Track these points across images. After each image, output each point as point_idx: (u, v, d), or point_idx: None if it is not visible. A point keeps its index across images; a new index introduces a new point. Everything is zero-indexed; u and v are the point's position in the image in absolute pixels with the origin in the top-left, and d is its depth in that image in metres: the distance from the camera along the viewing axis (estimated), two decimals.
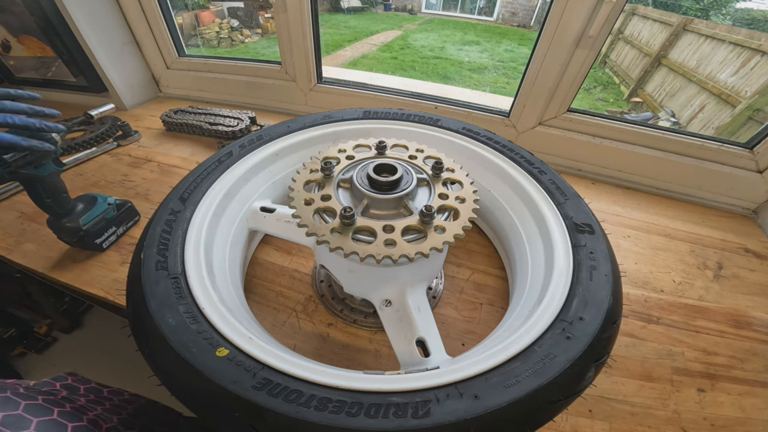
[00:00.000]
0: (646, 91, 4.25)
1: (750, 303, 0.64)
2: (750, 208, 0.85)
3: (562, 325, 0.37)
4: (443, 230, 0.40)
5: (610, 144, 0.86)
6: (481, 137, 0.64)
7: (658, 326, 0.59)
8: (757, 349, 0.57)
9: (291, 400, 0.30)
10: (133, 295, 0.39)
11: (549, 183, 0.55)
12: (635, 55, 4.78)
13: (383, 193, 0.42)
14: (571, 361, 0.33)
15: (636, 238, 0.75)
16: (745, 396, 0.51)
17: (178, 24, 1.13)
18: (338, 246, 0.38)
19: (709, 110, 3.10)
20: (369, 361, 0.52)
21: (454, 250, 0.68)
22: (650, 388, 0.51)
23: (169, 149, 0.94)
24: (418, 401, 0.30)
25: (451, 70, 5.60)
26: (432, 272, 0.51)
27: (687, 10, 4.98)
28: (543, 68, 0.79)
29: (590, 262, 0.43)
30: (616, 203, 0.85)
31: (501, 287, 0.62)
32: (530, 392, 0.31)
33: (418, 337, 0.43)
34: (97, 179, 0.82)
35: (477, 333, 0.55)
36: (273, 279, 0.62)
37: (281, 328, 0.55)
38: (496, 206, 0.62)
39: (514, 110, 0.89)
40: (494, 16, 10.91)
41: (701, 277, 0.68)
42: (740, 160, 0.80)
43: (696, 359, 0.55)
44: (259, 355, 0.33)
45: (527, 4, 10.48)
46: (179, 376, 0.32)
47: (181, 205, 0.49)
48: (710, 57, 3.31)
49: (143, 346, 0.35)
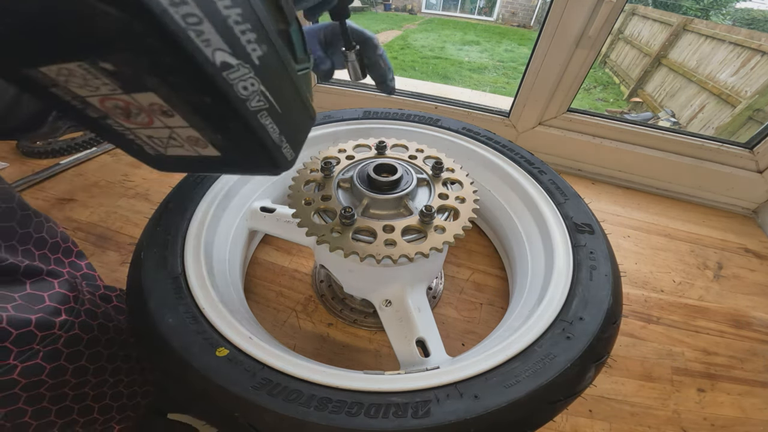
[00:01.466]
0: (646, 91, 4.26)
1: (750, 303, 0.64)
2: (750, 208, 0.85)
3: (562, 325, 0.37)
4: (443, 230, 0.40)
5: (610, 144, 0.86)
6: (481, 137, 0.64)
7: (658, 326, 0.59)
8: (757, 349, 0.57)
9: (291, 400, 0.30)
10: (133, 295, 0.39)
11: (549, 183, 0.55)
12: (635, 55, 4.78)
13: (383, 193, 0.42)
14: (571, 361, 0.33)
15: (636, 238, 0.75)
16: (745, 396, 0.51)
17: None
18: (338, 246, 0.38)
19: (709, 110, 3.10)
20: (369, 361, 0.52)
21: (454, 250, 0.68)
22: (650, 388, 0.51)
23: None
24: (418, 401, 0.30)
25: (451, 70, 5.60)
26: (432, 272, 0.51)
27: (687, 10, 4.99)
28: (543, 68, 0.79)
29: (590, 262, 0.43)
30: (616, 203, 0.85)
31: (501, 287, 0.62)
32: (530, 392, 0.31)
33: (418, 337, 0.43)
34: (98, 179, 0.82)
35: (477, 333, 0.55)
36: (273, 279, 0.62)
37: (281, 328, 0.55)
38: (496, 206, 0.62)
39: (514, 110, 0.89)
40: (494, 16, 10.92)
41: (701, 277, 0.68)
42: (740, 160, 0.80)
43: (696, 359, 0.55)
44: (259, 355, 0.34)
45: (527, 4, 10.48)
46: (179, 376, 0.32)
47: (182, 205, 0.49)
48: (710, 57, 3.31)
49: (143, 346, 0.35)
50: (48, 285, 0.37)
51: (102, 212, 0.72)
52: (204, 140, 0.21)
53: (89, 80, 0.17)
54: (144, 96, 0.18)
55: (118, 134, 0.22)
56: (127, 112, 0.19)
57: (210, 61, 0.16)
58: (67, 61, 0.16)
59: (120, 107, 0.19)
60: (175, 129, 0.20)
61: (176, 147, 0.22)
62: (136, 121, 0.20)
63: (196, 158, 0.22)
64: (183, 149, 0.22)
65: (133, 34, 0.14)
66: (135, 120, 0.20)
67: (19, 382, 0.32)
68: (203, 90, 0.17)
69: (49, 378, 0.34)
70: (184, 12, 0.14)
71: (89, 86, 0.18)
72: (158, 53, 0.15)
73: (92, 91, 0.18)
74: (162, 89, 0.17)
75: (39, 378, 0.33)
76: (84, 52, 0.16)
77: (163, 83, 0.17)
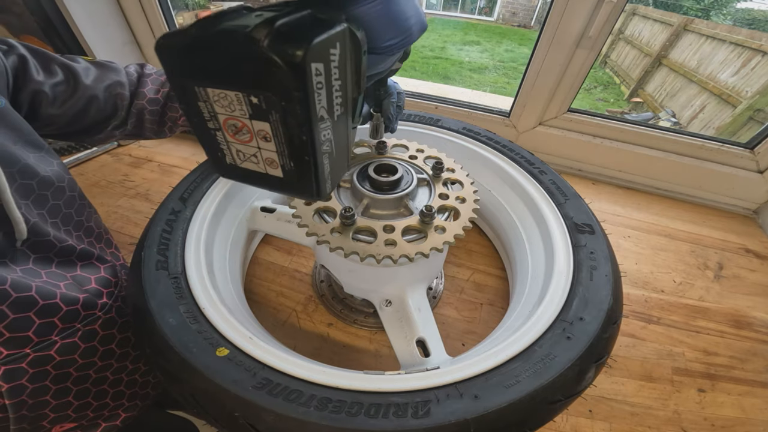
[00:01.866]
0: (647, 92, 4.26)
1: (750, 303, 0.64)
2: (751, 209, 0.85)
3: (563, 325, 0.37)
4: (443, 230, 0.40)
5: (610, 144, 0.86)
6: (482, 137, 0.64)
7: (658, 326, 0.59)
8: (757, 349, 0.57)
9: (291, 400, 0.30)
10: (134, 295, 0.39)
11: (549, 183, 0.55)
12: (636, 55, 4.78)
13: (383, 193, 0.42)
14: (572, 361, 0.33)
15: (636, 238, 0.75)
16: (745, 396, 0.51)
17: (179, 24, 1.13)
18: (338, 246, 0.38)
19: (710, 110, 3.10)
20: (369, 361, 0.52)
21: (454, 250, 0.68)
22: (650, 388, 0.51)
23: (169, 149, 0.94)
24: (418, 401, 0.30)
25: (452, 70, 5.59)
26: (432, 272, 0.51)
27: (688, 10, 4.99)
28: (543, 68, 0.79)
29: (590, 263, 0.43)
30: (617, 203, 0.85)
31: (501, 287, 0.62)
32: (530, 392, 0.31)
33: (419, 337, 0.43)
34: (98, 179, 0.82)
35: (477, 333, 0.55)
36: (273, 279, 0.62)
37: (281, 327, 0.55)
38: (497, 206, 0.62)
39: (514, 110, 0.89)
40: (494, 16, 10.90)
41: (702, 277, 0.68)
42: (741, 160, 0.80)
43: (696, 359, 0.55)
44: (259, 355, 0.34)
45: (528, 4, 10.47)
46: (179, 376, 0.32)
47: (182, 205, 0.49)
48: (711, 57, 3.31)
49: (143, 346, 0.35)
50: (95, 269, 0.40)
51: (102, 212, 0.72)
52: (278, 163, 0.26)
53: (233, 104, 0.23)
54: (260, 124, 0.23)
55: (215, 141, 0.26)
56: (237, 131, 0.25)
57: (317, 114, 0.23)
58: (233, 89, 0.22)
59: (236, 126, 0.24)
60: (262, 150, 0.25)
61: (252, 163, 0.27)
62: (238, 138, 0.25)
63: (261, 174, 0.27)
64: (257, 166, 0.27)
65: (286, 84, 0.20)
66: (238, 137, 0.25)
67: (54, 359, 0.33)
68: (303, 131, 0.23)
69: (80, 358, 0.36)
70: (317, 81, 0.21)
71: (229, 108, 0.23)
72: (293, 102, 0.21)
73: (227, 112, 0.23)
74: (276, 123, 0.23)
75: (72, 357, 0.35)
76: (249, 87, 0.21)
77: (281, 120, 0.22)
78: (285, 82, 0.20)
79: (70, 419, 0.37)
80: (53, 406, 0.35)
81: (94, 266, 0.40)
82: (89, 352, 0.36)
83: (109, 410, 0.41)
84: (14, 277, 0.31)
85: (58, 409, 0.35)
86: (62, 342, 0.34)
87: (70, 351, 0.35)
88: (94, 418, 0.40)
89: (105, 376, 0.39)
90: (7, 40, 0.37)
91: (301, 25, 0.21)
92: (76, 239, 0.39)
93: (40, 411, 0.34)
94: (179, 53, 0.21)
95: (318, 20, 0.22)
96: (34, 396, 0.33)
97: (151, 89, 0.49)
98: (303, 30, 0.20)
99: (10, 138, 0.33)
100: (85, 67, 0.44)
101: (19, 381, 0.31)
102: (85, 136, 0.47)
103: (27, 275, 0.32)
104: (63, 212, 0.37)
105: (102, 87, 0.45)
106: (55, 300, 0.33)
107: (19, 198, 0.32)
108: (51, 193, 0.36)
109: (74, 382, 0.36)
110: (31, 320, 0.31)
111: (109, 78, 0.46)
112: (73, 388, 0.36)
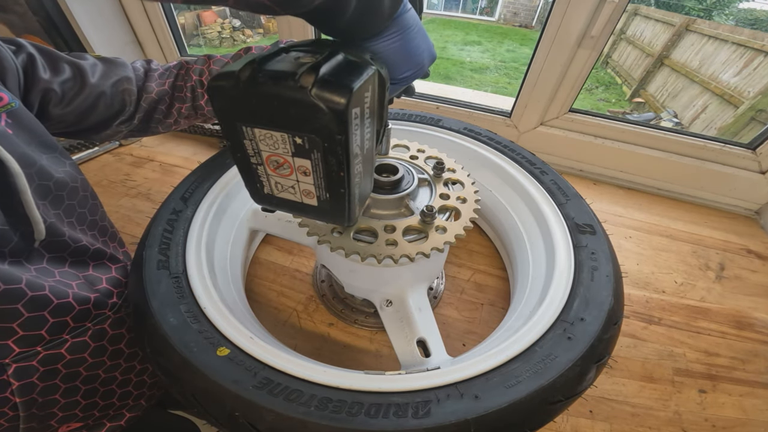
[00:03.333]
0: (649, 92, 4.25)
1: (752, 304, 0.64)
2: (752, 209, 0.84)
3: (563, 325, 0.37)
4: (444, 230, 0.40)
5: (611, 144, 0.86)
6: (483, 137, 0.64)
7: (659, 327, 0.59)
8: (758, 350, 0.57)
9: (291, 400, 0.30)
10: (135, 295, 0.39)
11: (550, 183, 0.55)
12: (637, 55, 4.77)
13: (384, 193, 0.42)
14: (572, 361, 0.33)
15: (637, 238, 0.75)
16: (746, 397, 0.51)
17: (180, 24, 1.14)
18: (339, 246, 0.38)
19: (712, 111, 3.10)
20: (369, 361, 0.52)
21: (455, 250, 0.68)
22: (651, 388, 0.51)
23: (170, 149, 0.94)
24: (418, 401, 0.30)
25: (453, 70, 5.59)
26: (433, 272, 0.51)
27: (690, 10, 4.98)
28: (545, 68, 0.79)
29: (591, 263, 0.43)
30: (618, 204, 0.85)
31: (502, 287, 0.62)
32: (531, 393, 0.31)
33: (419, 337, 0.43)
34: (100, 179, 0.82)
35: (478, 333, 0.55)
36: (274, 279, 0.62)
37: (282, 327, 0.55)
38: (498, 206, 0.62)
39: (515, 110, 0.89)
40: (496, 16, 10.88)
41: (703, 278, 0.68)
42: (742, 160, 0.80)
43: (697, 360, 0.55)
44: (259, 354, 0.34)
45: (529, 4, 10.45)
46: (180, 376, 0.32)
47: (183, 204, 0.49)
48: (713, 57, 3.30)
49: (144, 346, 0.36)
50: (107, 269, 0.40)
51: None
52: (314, 194, 0.28)
53: (277, 143, 0.24)
54: (301, 161, 0.25)
55: (254, 173, 0.28)
56: (279, 166, 0.26)
57: (353, 152, 0.24)
58: (279, 131, 0.23)
59: (277, 162, 0.26)
60: (300, 183, 0.27)
61: (289, 193, 0.29)
62: (279, 172, 0.27)
63: (296, 203, 0.29)
64: (294, 196, 0.29)
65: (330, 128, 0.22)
66: (278, 171, 0.27)
67: (64, 358, 0.34)
68: (341, 168, 0.24)
69: (90, 357, 0.36)
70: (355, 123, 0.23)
71: (273, 146, 0.24)
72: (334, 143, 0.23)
73: (271, 149, 0.25)
74: (317, 161, 0.24)
75: (82, 355, 0.35)
76: (295, 129, 0.23)
77: (322, 159, 0.24)
78: (329, 126, 0.22)
79: (77, 419, 0.37)
80: (62, 405, 0.35)
81: (106, 266, 0.41)
82: (99, 352, 0.37)
83: (114, 410, 0.41)
84: (29, 276, 0.31)
85: (66, 408, 0.36)
86: (73, 341, 0.34)
87: (81, 350, 0.35)
88: (100, 418, 0.40)
89: (114, 375, 0.39)
90: (15, 40, 0.37)
91: (340, 72, 0.22)
92: (91, 238, 0.39)
93: (49, 410, 0.34)
94: (232, 97, 0.22)
95: (351, 63, 0.24)
96: (44, 394, 0.33)
97: (159, 84, 0.50)
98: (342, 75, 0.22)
99: (25, 139, 0.33)
100: (93, 63, 0.44)
101: (29, 379, 0.32)
102: (93, 134, 0.47)
103: (41, 274, 0.33)
104: (77, 212, 0.38)
105: (109, 83, 0.45)
106: (68, 299, 0.33)
107: (38, 198, 0.32)
108: (66, 193, 0.36)
109: (83, 381, 0.36)
110: (45, 319, 0.32)
111: (117, 74, 0.46)
112: (82, 387, 0.36)
